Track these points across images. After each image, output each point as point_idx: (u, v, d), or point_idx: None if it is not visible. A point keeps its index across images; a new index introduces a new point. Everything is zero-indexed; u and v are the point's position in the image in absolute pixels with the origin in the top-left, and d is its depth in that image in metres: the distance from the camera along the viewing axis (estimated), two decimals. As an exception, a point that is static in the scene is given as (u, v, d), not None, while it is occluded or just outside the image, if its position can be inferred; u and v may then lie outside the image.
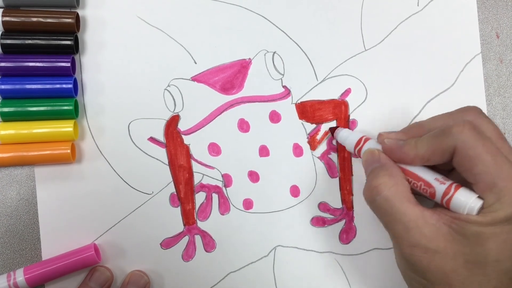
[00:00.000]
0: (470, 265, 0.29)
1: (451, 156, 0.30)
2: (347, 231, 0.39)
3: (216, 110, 0.39)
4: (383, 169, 0.32)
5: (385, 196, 0.31)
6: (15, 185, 0.38)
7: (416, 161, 0.32)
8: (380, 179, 0.31)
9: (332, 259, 0.39)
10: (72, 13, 0.36)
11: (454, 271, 0.29)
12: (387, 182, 0.31)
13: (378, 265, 0.39)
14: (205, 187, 0.39)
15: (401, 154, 0.32)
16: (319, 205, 0.39)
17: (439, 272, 0.29)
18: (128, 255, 0.38)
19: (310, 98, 0.39)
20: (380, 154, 0.33)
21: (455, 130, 0.30)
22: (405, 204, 0.30)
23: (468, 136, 0.29)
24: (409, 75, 0.40)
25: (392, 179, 0.31)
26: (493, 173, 0.29)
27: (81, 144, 0.38)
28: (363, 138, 0.35)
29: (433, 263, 0.29)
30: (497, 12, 0.41)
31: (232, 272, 0.39)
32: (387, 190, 0.31)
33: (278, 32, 0.39)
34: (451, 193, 0.30)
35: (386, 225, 0.31)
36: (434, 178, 0.31)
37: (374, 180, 0.32)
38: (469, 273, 0.29)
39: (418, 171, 0.32)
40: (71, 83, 0.36)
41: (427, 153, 0.31)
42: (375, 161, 0.33)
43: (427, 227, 0.29)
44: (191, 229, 0.38)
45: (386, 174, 0.31)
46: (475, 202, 0.29)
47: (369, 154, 0.34)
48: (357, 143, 0.36)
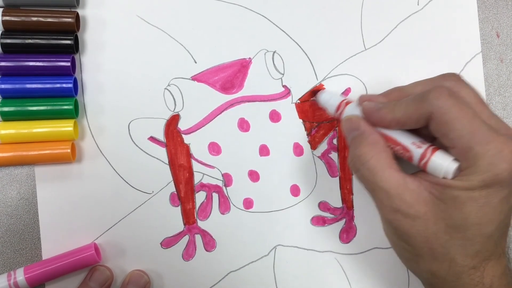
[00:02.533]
0: (450, 229, 0.29)
1: (427, 122, 0.30)
2: (347, 230, 0.39)
3: (216, 109, 0.39)
4: (363, 137, 0.32)
5: (367, 166, 0.31)
6: (15, 184, 0.38)
7: (393, 125, 0.32)
8: (362, 148, 0.32)
9: (332, 258, 0.39)
10: (72, 13, 0.36)
11: (435, 235, 0.30)
12: (369, 152, 0.31)
13: (378, 264, 0.39)
14: (205, 187, 0.39)
15: (378, 118, 0.32)
16: (319, 205, 0.39)
17: (421, 237, 0.30)
18: (128, 254, 0.38)
19: (310, 98, 0.39)
20: (360, 121, 0.33)
21: (431, 95, 0.30)
22: (386, 171, 0.31)
23: (444, 101, 0.29)
24: (409, 75, 0.40)
25: (374, 147, 0.31)
26: (469, 137, 0.29)
27: (81, 143, 0.38)
28: (344, 102, 0.35)
29: (415, 228, 0.30)
30: (497, 11, 0.41)
31: (232, 272, 0.39)
32: (369, 159, 0.31)
33: (278, 32, 0.39)
34: (428, 156, 0.30)
35: (370, 192, 0.32)
36: (411, 142, 0.31)
37: (357, 150, 0.32)
38: (449, 237, 0.29)
39: (396, 135, 0.32)
40: (71, 83, 0.36)
41: (403, 117, 0.31)
42: (354, 128, 0.33)
43: (407, 193, 0.30)
44: (191, 229, 0.38)
45: (367, 143, 0.32)
46: (450, 164, 0.30)
47: (348, 122, 0.34)
48: (338, 107, 0.35)
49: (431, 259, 0.30)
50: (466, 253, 0.29)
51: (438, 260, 0.30)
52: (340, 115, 0.35)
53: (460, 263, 0.30)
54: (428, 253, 0.30)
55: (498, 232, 0.30)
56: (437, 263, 0.30)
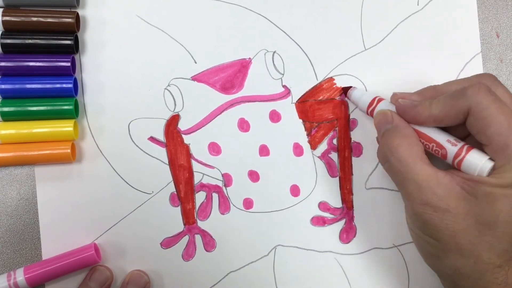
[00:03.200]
0: (480, 225, 0.29)
1: (464, 118, 0.30)
2: (347, 230, 0.39)
3: (216, 109, 0.39)
4: (396, 130, 0.32)
5: (399, 156, 0.31)
6: (15, 184, 0.38)
7: (429, 122, 0.32)
8: (395, 140, 0.32)
9: (332, 258, 0.39)
10: (72, 13, 0.36)
11: (464, 231, 0.29)
12: (402, 143, 0.31)
13: (378, 265, 0.39)
14: (205, 187, 0.39)
15: (415, 114, 0.32)
16: (319, 205, 0.39)
17: (449, 231, 0.30)
18: (128, 254, 0.38)
19: (310, 98, 0.39)
20: (393, 115, 0.33)
21: (470, 91, 0.30)
22: (418, 164, 0.31)
23: (482, 97, 0.29)
24: (408, 75, 0.39)
25: (406, 139, 0.32)
26: (506, 135, 0.29)
27: (81, 143, 0.38)
28: (377, 99, 0.36)
29: (444, 222, 0.30)
30: (497, 11, 0.41)
31: (232, 272, 0.39)
32: (401, 150, 0.31)
33: (278, 32, 0.39)
34: (463, 154, 0.31)
35: (399, 184, 0.32)
36: (446, 140, 0.32)
37: (389, 141, 0.32)
38: (478, 233, 0.29)
39: (430, 132, 0.32)
40: (71, 83, 0.36)
41: (441, 113, 0.31)
42: (388, 122, 0.33)
43: (439, 187, 0.30)
44: (191, 229, 0.38)
45: (400, 135, 0.32)
46: (486, 163, 0.30)
47: (382, 115, 0.34)
48: (370, 104, 0.36)
49: (457, 255, 0.30)
50: (493, 250, 0.29)
51: (464, 256, 0.30)
52: (372, 111, 0.35)
53: (486, 260, 0.29)
54: (454, 249, 0.30)
55: None
56: (463, 259, 0.30)
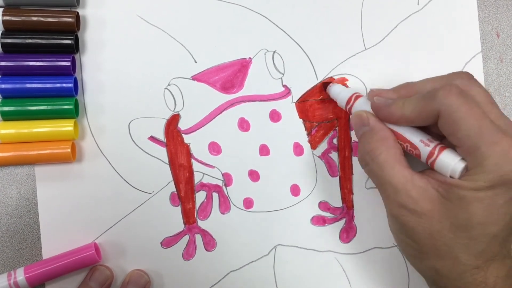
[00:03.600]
0: (455, 228, 0.29)
1: (435, 119, 0.30)
2: (347, 230, 0.39)
3: (217, 109, 0.39)
4: (373, 133, 0.32)
5: (376, 161, 0.31)
6: (16, 184, 0.38)
7: (402, 122, 0.32)
8: (372, 144, 0.32)
9: (333, 258, 0.39)
10: (72, 12, 0.36)
11: (439, 233, 0.30)
12: (379, 147, 0.32)
13: (378, 264, 0.39)
14: (206, 186, 0.39)
15: (388, 114, 0.32)
16: (319, 204, 0.39)
17: (426, 233, 0.30)
18: (129, 254, 0.38)
19: (310, 97, 0.39)
20: (369, 116, 0.33)
21: (440, 93, 0.30)
22: (396, 167, 0.31)
23: (453, 100, 0.29)
24: (409, 74, 0.39)
25: (383, 143, 0.32)
26: (476, 137, 0.29)
27: (82, 143, 0.38)
28: (354, 95, 0.35)
29: (420, 225, 0.30)
30: (497, 11, 0.41)
31: (232, 271, 0.39)
32: (379, 154, 0.31)
33: (278, 31, 0.39)
34: (435, 155, 0.31)
35: (378, 187, 0.32)
36: (420, 140, 0.32)
37: (366, 146, 0.32)
38: (454, 235, 0.29)
39: (405, 132, 0.32)
40: (71, 82, 0.36)
41: (412, 114, 0.31)
42: (364, 124, 0.33)
43: (414, 190, 0.30)
44: (191, 228, 0.38)
45: (377, 139, 0.32)
46: (458, 164, 0.30)
47: (358, 118, 0.34)
48: (348, 100, 0.36)
49: (435, 257, 0.30)
50: (470, 252, 0.29)
51: (442, 258, 0.30)
52: (350, 108, 0.35)
53: (464, 262, 0.30)
54: (432, 251, 0.30)
55: (504, 233, 0.30)
56: (441, 261, 0.30)
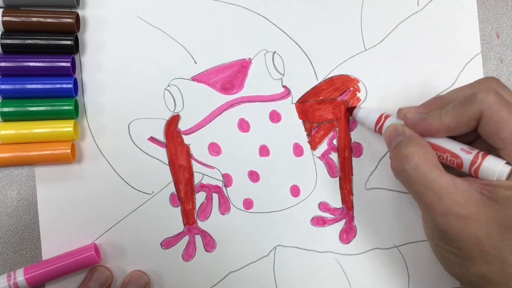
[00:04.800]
0: (503, 229, 0.29)
1: (476, 124, 0.30)
2: (347, 231, 0.39)
3: (216, 110, 0.39)
4: (410, 139, 0.32)
5: (415, 165, 0.31)
6: (15, 185, 0.38)
7: (441, 132, 0.32)
8: (409, 148, 0.31)
9: (332, 258, 0.39)
10: (72, 13, 0.36)
11: (487, 237, 0.29)
12: (417, 151, 0.31)
13: (378, 265, 0.39)
14: (205, 187, 0.39)
15: (426, 126, 0.32)
16: (319, 205, 0.39)
17: (472, 239, 0.29)
18: (128, 255, 0.38)
19: (310, 98, 0.39)
20: (404, 128, 0.33)
21: (480, 95, 0.30)
22: (435, 171, 0.30)
23: (493, 101, 0.29)
24: (409, 75, 0.39)
25: (421, 148, 0.31)
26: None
27: (81, 144, 0.38)
28: (384, 115, 0.36)
29: (466, 230, 0.29)
30: (497, 12, 0.41)
31: (232, 272, 0.39)
32: (417, 159, 0.31)
33: (278, 32, 0.39)
34: (479, 161, 0.30)
35: (417, 194, 0.31)
36: (460, 149, 0.31)
37: (403, 150, 0.31)
38: (502, 237, 0.29)
39: (443, 143, 0.32)
40: (71, 83, 0.36)
41: (452, 122, 0.31)
42: (400, 134, 0.33)
43: (458, 194, 0.29)
44: (191, 229, 0.38)
45: (414, 144, 0.31)
46: (503, 167, 0.30)
47: (393, 130, 0.34)
48: (378, 121, 0.36)
49: (482, 262, 0.30)
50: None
51: (489, 262, 0.29)
52: (380, 128, 0.36)
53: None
54: (479, 256, 0.29)
55: None
56: (488, 265, 0.29)
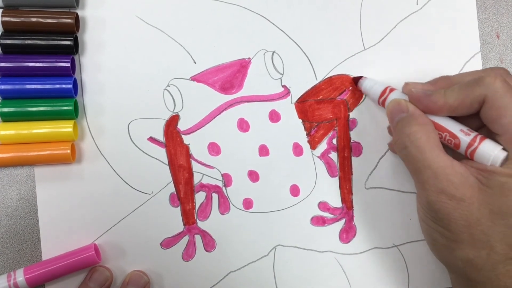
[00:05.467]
0: (494, 215, 0.29)
1: (479, 107, 0.31)
2: (347, 230, 0.39)
3: (216, 109, 0.39)
4: (413, 117, 0.32)
5: (416, 143, 0.31)
6: (15, 185, 0.38)
7: (444, 111, 0.32)
8: (412, 127, 0.32)
9: (332, 258, 0.39)
10: (71, 14, 0.36)
11: (477, 221, 0.29)
12: (419, 130, 0.31)
13: (378, 264, 0.39)
14: (205, 187, 0.39)
15: (429, 103, 0.32)
16: (319, 205, 0.39)
17: (463, 220, 0.30)
18: (128, 255, 0.38)
19: (310, 98, 0.39)
20: (408, 104, 0.33)
21: (487, 80, 0.30)
22: (435, 151, 0.31)
23: (499, 87, 0.30)
24: (408, 74, 0.39)
25: (423, 127, 0.32)
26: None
27: (81, 144, 0.38)
28: (388, 89, 0.36)
29: (458, 211, 0.30)
30: (497, 12, 0.41)
31: (232, 272, 0.39)
32: (419, 137, 0.31)
33: (278, 32, 0.39)
34: (476, 144, 0.31)
35: (415, 171, 0.32)
36: (460, 129, 0.32)
37: (406, 128, 0.32)
38: (492, 223, 0.29)
39: (443, 122, 0.32)
40: (70, 83, 0.36)
41: (456, 102, 0.31)
42: (403, 110, 0.33)
43: (455, 175, 0.30)
44: (191, 229, 0.38)
45: (416, 123, 0.32)
46: (499, 153, 0.30)
47: (396, 104, 0.34)
48: (382, 93, 0.36)
49: (470, 246, 0.30)
50: (506, 241, 0.29)
51: (476, 247, 0.30)
52: (384, 101, 0.36)
53: (499, 251, 0.29)
54: (467, 239, 0.30)
55: None
56: (475, 250, 0.30)
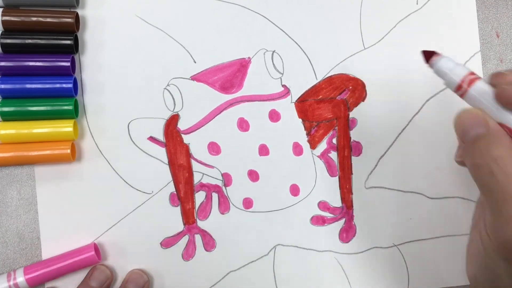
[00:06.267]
0: None
1: None
2: (347, 230, 0.39)
3: (216, 109, 0.39)
4: (496, 137, 0.27)
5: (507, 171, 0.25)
6: (16, 184, 0.38)
7: None
8: (499, 150, 0.26)
9: (332, 257, 0.39)
10: (71, 13, 0.36)
11: None
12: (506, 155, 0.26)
13: (378, 264, 0.39)
14: (205, 186, 0.39)
15: None
16: (318, 204, 0.39)
17: None
18: (128, 254, 0.38)
19: (310, 97, 0.39)
20: (487, 117, 0.27)
21: None
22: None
23: None
24: (408, 74, 0.39)
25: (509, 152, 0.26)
26: None
27: (81, 143, 0.38)
28: (469, 78, 0.28)
29: None
30: (497, 11, 0.41)
31: (232, 271, 0.39)
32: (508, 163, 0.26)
33: (277, 31, 0.39)
34: None
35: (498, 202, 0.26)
36: None
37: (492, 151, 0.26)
38: None
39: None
40: (71, 83, 0.36)
41: None
42: (481, 125, 0.27)
43: None
44: (191, 229, 0.38)
45: (502, 147, 0.26)
46: None
47: (473, 116, 0.28)
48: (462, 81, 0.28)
49: None
50: None
51: None
52: (464, 93, 0.28)
53: None
54: None
55: None
56: None
